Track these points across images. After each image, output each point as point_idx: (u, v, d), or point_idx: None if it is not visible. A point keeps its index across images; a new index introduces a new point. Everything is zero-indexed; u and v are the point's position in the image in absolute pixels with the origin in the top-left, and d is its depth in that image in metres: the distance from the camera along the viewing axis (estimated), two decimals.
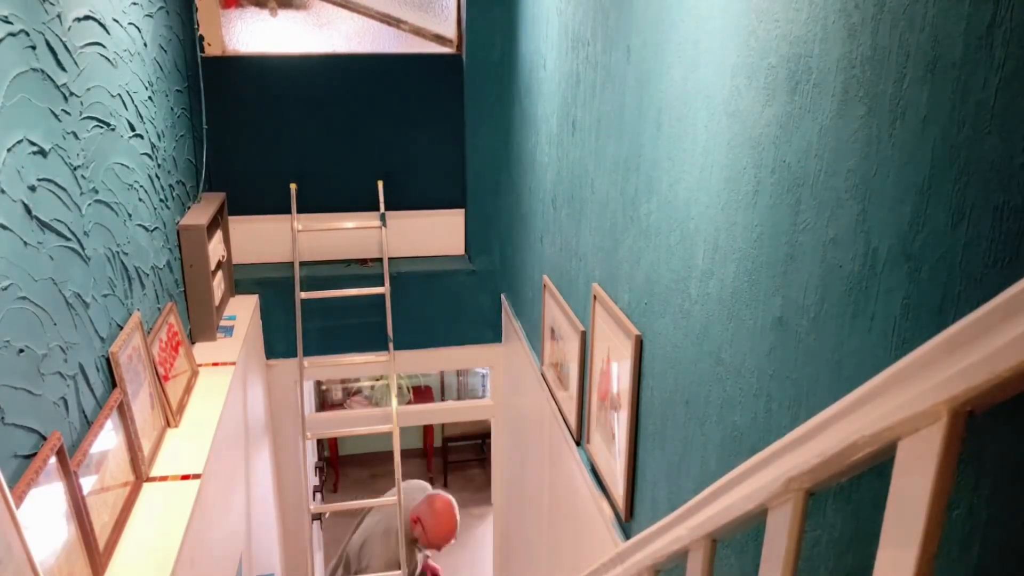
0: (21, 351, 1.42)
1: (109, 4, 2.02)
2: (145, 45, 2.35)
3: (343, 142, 3.40)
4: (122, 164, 2.07)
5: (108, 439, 1.78)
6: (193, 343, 2.78)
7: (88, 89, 1.84)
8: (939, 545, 0.61)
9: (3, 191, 1.39)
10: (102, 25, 1.96)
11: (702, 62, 1.27)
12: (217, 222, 3.03)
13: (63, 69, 1.69)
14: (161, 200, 2.45)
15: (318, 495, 4.29)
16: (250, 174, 3.36)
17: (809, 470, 0.77)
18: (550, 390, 2.54)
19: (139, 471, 1.93)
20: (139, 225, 2.20)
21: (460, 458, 6.31)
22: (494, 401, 3.89)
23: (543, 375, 2.64)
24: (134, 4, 2.25)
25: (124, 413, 1.87)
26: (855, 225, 0.88)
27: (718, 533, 1.02)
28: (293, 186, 3.37)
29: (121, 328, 1.98)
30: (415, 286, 3.48)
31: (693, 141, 1.31)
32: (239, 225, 3.35)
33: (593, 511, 1.99)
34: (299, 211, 3.37)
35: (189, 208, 2.85)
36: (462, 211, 3.57)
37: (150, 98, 2.37)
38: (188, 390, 2.43)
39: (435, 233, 3.61)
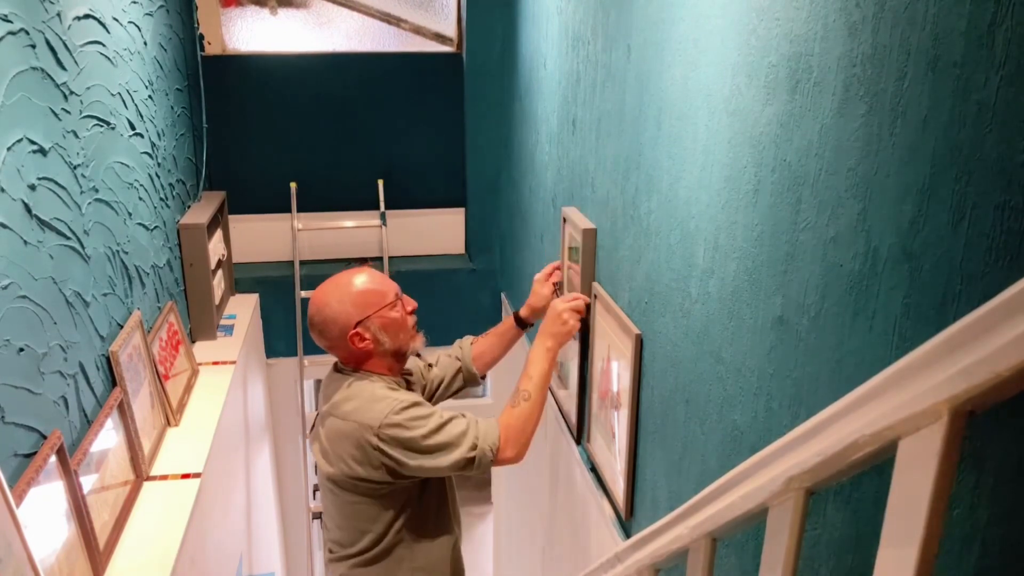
0: (21, 350, 1.42)
1: (109, 3, 2.02)
2: (145, 44, 2.35)
3: (343, 141, 3.39)
4: (122, 163, 2.07)
5: (108, 438, 1.78)
6: (193, 342, 2.78)
7: (88, 88, 1.84)
8: (939, 545, 0.61)
9: (3, 190, 1.39)
10: (102, 24, 1.96)
11: (702, 61, 1.27)
12: (217, 221, 3.02)
13: (63, 68, 1.69)
14: (161, 199, 2.45)
15: (318, 494, 4.29)
16: (250, 173, 3.36)
17: (809, 469, 0.77)
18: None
19: (139, 470, 1.93)
20: (139, 224, 2.20)
21: None
22: (494, 400, 3.89)
23: None
24: (134, 3, 2.25)
25: (124, 412, 1.87)
26: (856, 224, 0.88)
27: (718, 532, 1.01)
28: (293, 185, 3.37)
29: (121, 327, 1.98)
30: (415, 285, 3.46)
31: (693, 140, 1.31)
32: (239, 224, 3.35)
33: (593, 510, 1.99)
34: (299, 210, 3.36)
35: (189, 207, 2.85)
36: (462, 210, 3.56)
37: (150, 97, 2.37)
38: (188, 389, 2.43)
39: (435, 232, 3.60)
